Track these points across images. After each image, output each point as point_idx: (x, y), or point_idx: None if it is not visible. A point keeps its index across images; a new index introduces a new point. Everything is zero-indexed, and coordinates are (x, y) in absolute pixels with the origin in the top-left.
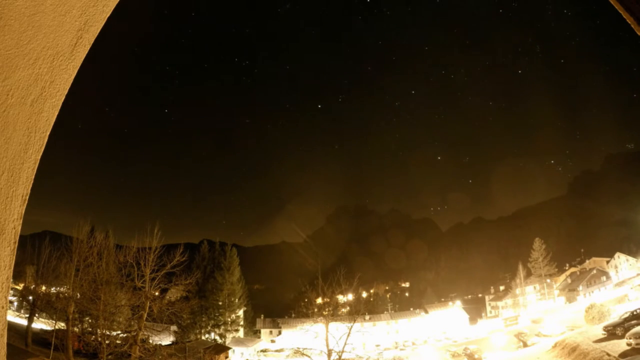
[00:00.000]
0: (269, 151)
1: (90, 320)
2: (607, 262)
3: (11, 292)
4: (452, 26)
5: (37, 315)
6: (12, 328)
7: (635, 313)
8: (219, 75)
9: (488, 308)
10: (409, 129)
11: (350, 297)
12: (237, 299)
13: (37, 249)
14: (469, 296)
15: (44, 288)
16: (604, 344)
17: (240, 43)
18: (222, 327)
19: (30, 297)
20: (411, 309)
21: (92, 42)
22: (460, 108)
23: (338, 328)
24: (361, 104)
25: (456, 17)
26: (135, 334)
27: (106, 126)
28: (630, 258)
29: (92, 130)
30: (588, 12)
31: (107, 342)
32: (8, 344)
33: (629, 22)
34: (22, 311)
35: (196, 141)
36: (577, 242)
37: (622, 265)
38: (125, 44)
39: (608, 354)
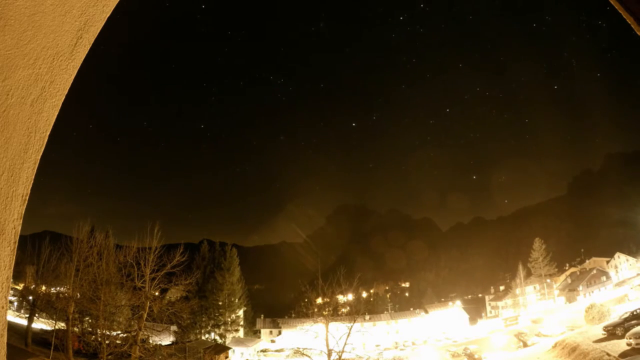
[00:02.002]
0: (279, 159)
1: (90, 320)
2: (607, 262)
3: (11, 292)
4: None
5: (37, 315)
6: (12, 328)
7: (635, 313)
8: (254, 92)
9: (488, 308)
10: (436, 139)
11: (350, 297)
12: (237, 299)
13: (37, 249)
14: (469, 296)
15: (44, 288)
16: (604, 344)
17: (275, 61)
18: (222, 327)
19: (30, 297)
20: (411, 309)
21: (92, 42)
22: (464, 111)
23: (338, 328)
24: (394, 122)
25: (487, 34)
26: (135, 334)
27: (108, 127)
28: (630, 258)
29: (93, 131)
30: (587, 13)
31: (107, 342)
32: (8, 344)
33: (629, 22)
34: (22, 311)
35: (209, 148)
36: (577, 242)
37: (622, 265)
38: (164, 60)
39: (608, 354)
